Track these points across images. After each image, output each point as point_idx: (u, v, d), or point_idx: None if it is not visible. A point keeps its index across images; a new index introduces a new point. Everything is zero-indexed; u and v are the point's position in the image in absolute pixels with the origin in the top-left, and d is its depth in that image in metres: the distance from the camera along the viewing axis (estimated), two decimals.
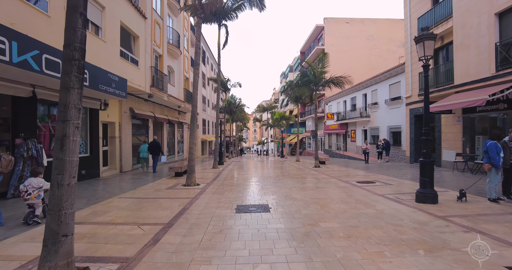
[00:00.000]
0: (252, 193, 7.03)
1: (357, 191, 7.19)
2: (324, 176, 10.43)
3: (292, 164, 17.26)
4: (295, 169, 13.63)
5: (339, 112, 27.21)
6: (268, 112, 45.20)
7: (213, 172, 12.50)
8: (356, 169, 13.32)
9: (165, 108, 18.19)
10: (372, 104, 20.49)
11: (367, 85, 21.39)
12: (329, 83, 14.40)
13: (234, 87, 20.50)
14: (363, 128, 22.26)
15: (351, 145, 24.63)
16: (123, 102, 12.38)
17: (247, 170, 13.81)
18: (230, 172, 12.38)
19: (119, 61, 10.19)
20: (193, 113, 8.63)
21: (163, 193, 7.13)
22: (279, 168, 14.44)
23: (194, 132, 8.60)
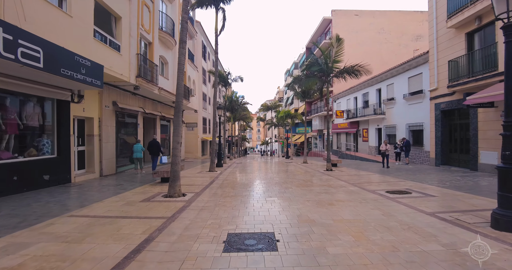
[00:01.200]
0: (252, 211, 5.18)
1: (394, 207, 5.30)
2: (342, 183, 8.55)
3: (300, 167, 15.38)
4: (304, 173, 11.76)
5: (349, 109, 25.25)
6: (272, 111, 43.37)
7: (208, 176, 10.69)
8: (375, 173, 11.40)
9: (158, 104, 16.46)
10: (387, 100, 18.53)
11: (381, 79, 19.42)
12: (343, 74, 12.50)
13: (235, 81, 18.78)
14: (377, 127, 20.29)
15: (363, 145, 22.67)
16: (105, 95, 10.64)
17: (249, 174, 11.98)
18: (228, 177, 10.56)
19: (92, 43, 8.43)
20: (178, 104, 6.83)
21: (133, 209, 5.32)
22: (285, 172, 12.58)
23: (178, 129, 6.80)
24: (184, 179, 9.66)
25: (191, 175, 11.08)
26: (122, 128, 12.44)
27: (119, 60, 9.95)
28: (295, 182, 8.79)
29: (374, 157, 19.89)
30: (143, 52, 12.70)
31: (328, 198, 6.27)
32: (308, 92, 18.16)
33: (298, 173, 11.70)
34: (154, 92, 13.14)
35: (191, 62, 20.27)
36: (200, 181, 9.25)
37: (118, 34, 10.26)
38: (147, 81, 11.72)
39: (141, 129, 14.20)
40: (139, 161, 11.60)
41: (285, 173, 11.77)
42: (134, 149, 11.42)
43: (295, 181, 9.05)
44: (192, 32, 21.75)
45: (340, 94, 27.56)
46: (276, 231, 3.95)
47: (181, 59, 6.88)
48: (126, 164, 12.72)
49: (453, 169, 11.86)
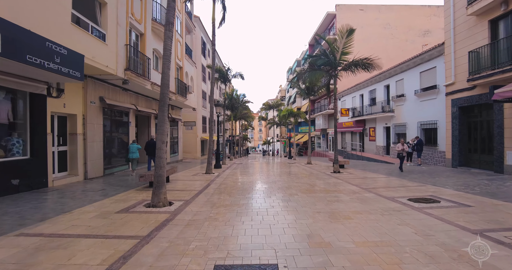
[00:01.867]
0: (250, 227, 4.15)
1: (426, 222, 4.26)
2: (353, 188, 7.50)
3: (304, 168, 14.34)
4: (309, 176, 10.71)
5: (354, 107, 24.14)
6: (274, 110, 42.34)
7: (204, 180, 9.68)
8: (388, 175, 10.33)
9: (153, 101, 15.47)
10: (397, 97, 17.42)
11: (390, 74, 18.32)
12: (352, 67, 11.43)
13: (235, 78, 17.71)
14: (385, 125, 19.20)
15: (370, 145, 21.57)
16: (90, 89, 9.66)
17: (249, 177, 10.95)
18: (226, 181, 9.54)
19: (70, 28, 7.43)
20: (163, 96, 5.82)
21: (103, 223, 4.32)
22: (288, 174, 11.54)
23: (163, 126, 5.79)
24: (176, 183, 8.67)
25: (185, 178, 10.08)
26: (111, 127, 11.46)
27: (104, 51, 8.95)
28: (301, 187, 7.75)
29: (382, 157, 18.82)
30: (133, 43, 11.71)
31: (342, 208, 5.23)
32: (312, 88, 17.09)
33: (302, 176, 10.66)
34: (147, 88, 12.15)
35: (189, 58, 19.28)
36: (193, 186, 8.24)
37: (104, 22, 9.26)
38: (137, 75, 10.73)
39: (133, 127, 13.21)
40: (135, 162, 11.16)
41: (289, 176, 10.73)
42: (130, 149, 10.94)
43: (300, 186, 8.01)
44: (190, 26, 20.76)
45: (345, 92, 26.45)
46: (280, 261, 2.93)
47: (167, 44, 5.85)
48: (116, 166, 11.75)
49: (473, 171, 10.77)
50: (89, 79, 9.65)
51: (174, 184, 8.52)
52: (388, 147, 19.16)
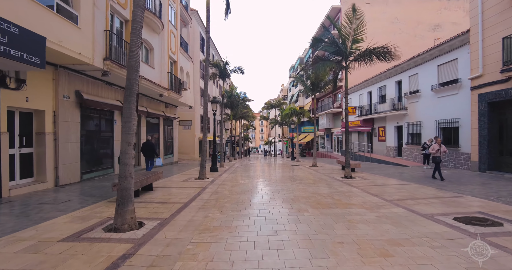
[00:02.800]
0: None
1: (503, 263, 2.82)
2: (376, 200, 6.07)
3: (310, 171, 12.90)
4: (317, 182, 9.28)
5: (362, 105, 22.69)
6: (276, 109, 40.97)
7: (195, 187, 8.29)
8: (409, 182, 8.88)
9: (144, 98, 14.10)
10: (410, 93, 15.96)
11: (402, 69, 16.85)
12: (367, 57, 9.99)
13: (235, 72, 16.33)
14: (397, 124, 17.73)
15: (379, 146, 20.10)
16: (62, 81, 8.31)
17: (247, 183, 9.53)
18: (220, 189, 8.13)
19: (25, 2, 6.06)
20: (129, 82, 4.42)
21: (24, 265, 2.92)
22: (293, 180, 10.12)
23: (129, 122, 4.37)
24: (160, 192, 7.27)
25: (173, 184, 8.69)
26: (90, 126, 10.09)
27: (76, 35, 7.57)
28: (310, 199, 6.32)
29: (393, 159, 17.34)
30: (117, 31, 10.34)
31: (371, 235, 3.80)
32: (318, 84, 15.66)
33: (309, 182, 9.22)
34: None
35: (184, 52, 17.90)
36: (179, 196, 6.83)
37: (75, 1, 7.88)
38: (120, 66, 9.34)
39: (119, 127, 11.81)
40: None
41: (293, 182, 9.30)
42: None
43: (309, 197, 6.58)
44: (186, 19, 19.40)
45: (351, 89, 24.96)
46: None
47: (136, 14, 4.44)
48: (97, 169, 10.38)
49: (507, 176, 9.30)
50: (62, 70, 8.29)
51: (157, 194, 7.13)
52: (400, 148, 17.69)
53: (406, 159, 16.57)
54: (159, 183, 8.83)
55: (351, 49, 10.21)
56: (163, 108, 16.73)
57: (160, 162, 12.31)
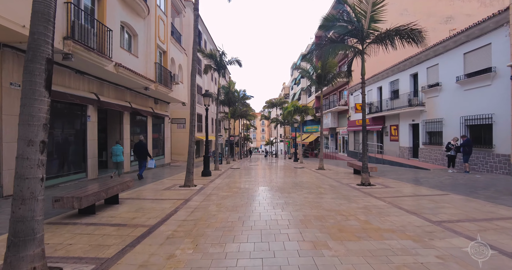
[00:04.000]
0: None
1: None
2: (417, 221, 4.31)
3: (317, 176, 11.13)
4: (331, 191, 7.51)
5: (371, 102, 20.90)
6: (277, 109, 39.19)
7: (174, 199, 6.55)
8: (444, 190, 7.09)
9: (127, 92, 12.39)
10: (429, 87, 14.18)
11: (419, 60, 15.07)
12: (389, 38, 8.22)
13: (231, 64, 14.58)
14: (412, 122, 15.93)
15: (391, 146, 18.30)
16: (10, 65, 6.61)
17: (242, 193, 7.76)
18: (205, 202, 6.38)
19: None
20: (34, 38, 2.66)
21: None
22: (300, 188, 8.34)
23: (31, 105, 2.60)
24: (126, 206, 5.53)
25: (150, 194, 6.95)
26: (53, 122, 8.36)
27: (19, 3, 5.84)
28: (328, 221, 4.53)
29: (408, 161, 15.55)
30: (85, 7, 8.61)
31: None
32: (326, 76, 13.90)
33: (321, 191, 7.45)
34: (108, 70, 9.06)
35: (176, 41, 16.18)
36: (148, 213, 5.09)
37: None
38: (87, 49, 7.60)
39: (94, 124, 10.10)
40: (120, 166, 9.68)
41: (300, 191, 7.53)
42: (113, 151, 9.53)
43: (325, 217, 4.80)
44: (178, 7, 17.68)
45: (358, 85, 23.16)
46: None
47: None
48: (62, 175, 8.65)
49: None
50: (7, 50, 6.58)
51: (122, 209, 5.40)
52: (416, 148, 15.90)
53: (424, 160, 14.78)
54: (133, 193, 7.10)
55: (368, 29, 8.44)
56: (152, 104, 15.01)
57: (153, 164, 10.89)
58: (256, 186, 8.53)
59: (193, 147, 8.46)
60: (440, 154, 13.43)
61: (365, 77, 8.89)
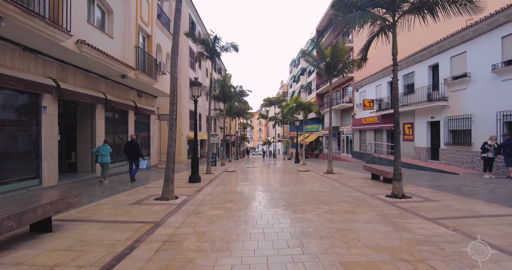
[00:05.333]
0: None
1: None
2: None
3: (329, 182, 9.20)
4: (357, 208, 5.56)
5: (380, 98, 19.07)
6: (275, 107, 37.28)
7: (141, 221, 4.57)
8: (502, 204, 5.20)
9: (102, 80, 10.38)
10: (453, 79, 12.36)
11: (440, 49, 13.23)
12: (429, 6, 6.29)
13: (226, 51, 12.57)
14: (431, 119, 14.09)
15: (405, 146, 16.43)
16: None
17: (237, 209, 5.78)
18: (184, 229, 4.42)
19: None
20: None
21: None
22: (314, 201, 6.38)
23: None
24: (59, 239, 3.48)
25: (107, 213, 4.93)
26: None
27: None
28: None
29: (425, 163, 13.72)
30: None
31: None
32: (336, 65, 11.96)
33: (346, 208, 5.50)
34: (66, 48, 7.04)
35: (163, 26, 14.15)
36: (86, 255, 3.09)
37: None
38: (27, 12, 5.58)
39: (53, 118, 8.06)
40: (105, 167, 8.78)
41: (319, 209, 5.57)
42: (100, 151, 8.70)
43: (377, 262, 2.87)
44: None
45: (365, 80, 21.36)
46: None
47: None
48: (7, 182, 6.62)
49: None
50: None
51: (48, 244, 3.42)
52: (435, 149, 14.06)
53: (446, 163, 12.94)
54: (87, 210, 5.11)
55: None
56: (134, 97, 12.98)
57: (145, 164, 9.61)
58: (257, 198, 6.55)
59: (173, 147, 6.48)
60: (468, 156, 11.59)
61: (371, 73, 6.94)
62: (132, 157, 9.49)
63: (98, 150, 8.69)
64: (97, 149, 8.72)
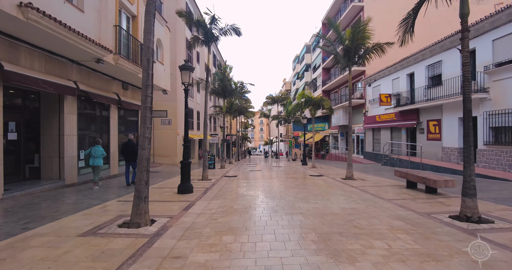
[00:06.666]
0: None
1: None
2: None
3: (357, 193, 7.22)
4: (428, 246, 3.59)
5: (398, 93, 17.08)
6: (278, 105, 35.33)
7: (88, 265, 2.59)
8: None
9: (72, 66, 8.45)
10: (496, 66, 10.39)
11: (479, 31, 11.24)
12: None
13: (225, 35, 10.61)
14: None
15: (430, 146, 14.44)
16: None
17: (241, 249, 3.80)
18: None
19: None
20: None
21: None
22: (355, 230, 4.41)
23: None
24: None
25: (30, 259, 2.94)
26: None
27: None
28: None
29: (457, 166, 11.73)
30: None
31: None
32: (356, 49, 9.97)
33: (410, 248, 3.52)
34: (5, 12, 5.11)
35: None
36: None
37: None
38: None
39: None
40: (96, 170, 7.92)
41: (372, 250, 3.63)
42: (91, 153, 7.76)
43: None
44: None
45: (380, 74, 19.37)
46: None
47: None
48: None
49: None
50: None
51: None
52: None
53: (486, 166, 10.95)
54: (13, 245, 3.17)
55: None
56: (118, 89, 11.05)
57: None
58: (269, 224, 4.57)
59: (147, 149, 4.52)
60: None
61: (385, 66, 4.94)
62: (129, 159, 8.69)
63: (90, 152, 7.81)
64: (89, 150, 7.84)
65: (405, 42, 6.91)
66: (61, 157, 8.11)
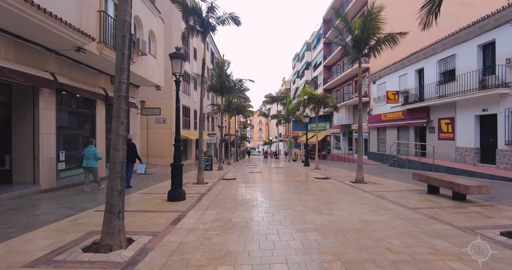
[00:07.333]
0: None
1: None
2: None
3: (375, 201, 6.30)
4: None
5: (406, 90, 16.18)
6: (278, 104, 34.41)
7: None
8: None
9: (50, 56, 7.46)
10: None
11: (498, 22, 10.34)
12: None
13: (223, 24, 9.67)
14: (483, 113, 11.20)
15: (442, 147, 13.53)
16: None
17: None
18: None
19: None
20: None
21: None
22: (397, 264, 3.46)
23: None
24: None
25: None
26: None
27: None
28: None
29: (474, 168, 10.84)
30: None
31: None
32: (367, 40, 9.04)
33: None
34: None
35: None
36: None
37: None
38: None
39: None
40: (93, 172, 7.42)
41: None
42: (85, 154, 7.24)
43: None
44: None
45: (385, 70, 18.46)
46: None
47: None
48: None
49: None
50: None
51: None
52: (488, 150, 11.18)
53: (507, 168, 10.05)
54: None
55: None
56: (106, 83, 10.07)
57: (143, 169, 8.43)
58: (277, 248, 3.62)
59: (121, 150, 3.50)
60: None
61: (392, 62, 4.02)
62: (128, 160, 7.97)
63: (84, 153, 7.35)
64: (83, 152, 7.39)
65: (428, 25, 6.00)
66: (36, 158, 7.14)
